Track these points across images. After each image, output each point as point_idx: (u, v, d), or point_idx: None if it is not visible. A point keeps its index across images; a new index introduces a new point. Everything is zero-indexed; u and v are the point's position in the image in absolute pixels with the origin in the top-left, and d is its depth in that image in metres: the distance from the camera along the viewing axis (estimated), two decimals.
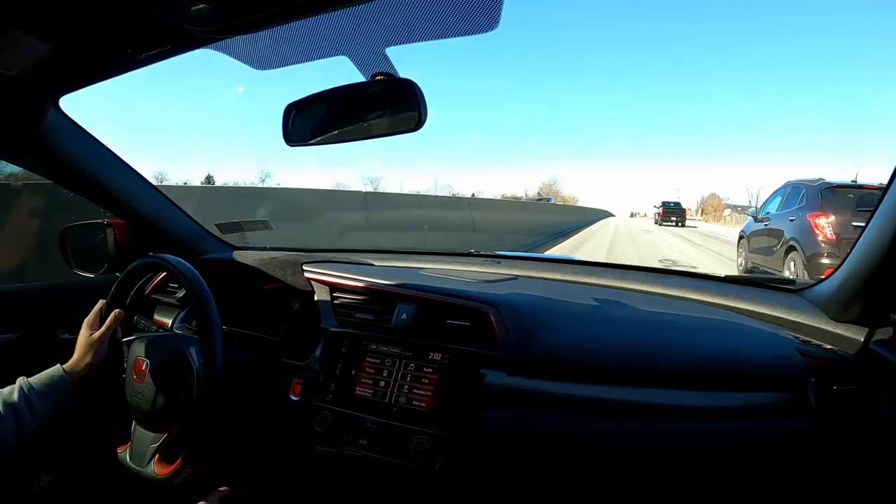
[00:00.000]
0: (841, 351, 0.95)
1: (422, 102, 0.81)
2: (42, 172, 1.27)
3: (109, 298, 1.09)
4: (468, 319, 1.02)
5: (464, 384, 0.96)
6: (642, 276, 1.29)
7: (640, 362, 0.94)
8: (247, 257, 1.35)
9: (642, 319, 1.07)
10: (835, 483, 0.90)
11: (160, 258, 1.05)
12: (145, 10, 0.78)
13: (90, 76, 1.03)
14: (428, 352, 1.00)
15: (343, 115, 0.91)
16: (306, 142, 0.94)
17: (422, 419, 0.95)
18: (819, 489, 0.91)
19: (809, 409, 0.90)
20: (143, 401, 0.97)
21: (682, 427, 0.91)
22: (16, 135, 1.12)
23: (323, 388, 1.05)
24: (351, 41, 0.87)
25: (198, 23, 0.80)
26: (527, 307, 1.03)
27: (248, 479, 1.17)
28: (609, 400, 0.91)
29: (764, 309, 1.08)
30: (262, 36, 0.86)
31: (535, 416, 0.92)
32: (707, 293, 1.16)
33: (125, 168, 1.32)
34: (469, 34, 0.82)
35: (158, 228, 1.41)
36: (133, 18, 0.81)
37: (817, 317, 1.02)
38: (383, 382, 1.01)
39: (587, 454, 0.91)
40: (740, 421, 0.92)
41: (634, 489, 0.92)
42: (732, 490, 0.91)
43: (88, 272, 1.40)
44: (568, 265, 1.40)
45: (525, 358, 0.96)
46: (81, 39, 0.88)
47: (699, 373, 0.93)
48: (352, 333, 1.10)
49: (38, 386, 0.94)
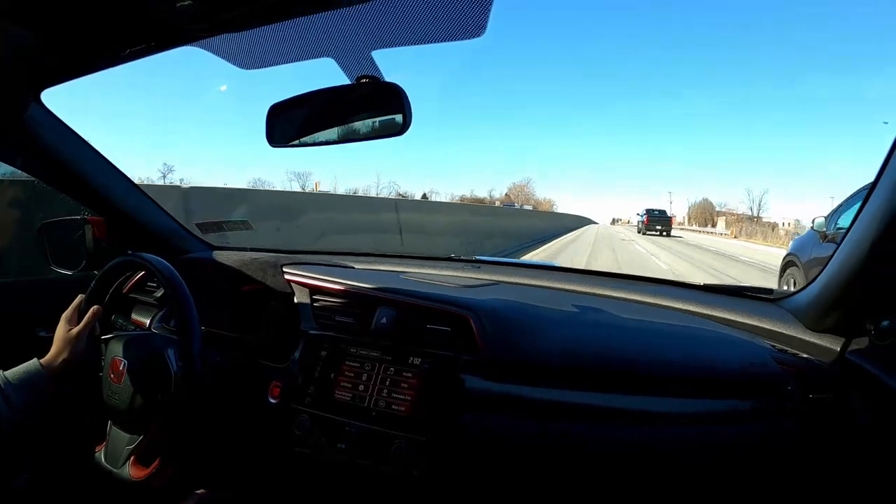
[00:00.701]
0: (817, 360, 0.96)
1: (407, 106, 0.81)
2: (21, 166, 1.25)
3: (88, 295, 1.08)
4: (448, 324, 1.02)
5: (443, 389, 0.96)
6: (622, 283, 1.29)
7: (619, 368, 0.95)
8: (227, 258, 1.34)
9: (622, 326, 1.08)
10: (811, 490, 0.91)
11: (140, 257, 1.04)
12: (131, 3, 0.78)
13: (73, 70, 1.02)
14: (408, 356, 1.00)
15: (327, 117, 0.91)
16: (289, 143, 0.93)
17: (401, 423, 0.95)
18: (796, 495, 0.92)
19: (786, 416, 0.91)
20: (120, 401, 0.96)
21: (660, 433, 0.92)
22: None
23: (302, 391, 1.04)
24: (337, 43, 0.87)
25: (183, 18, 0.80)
26: (507, 313, 1.03)
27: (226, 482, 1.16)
28: (588, 405, 0.92)
29: (741, 318, 1.09)
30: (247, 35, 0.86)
31: (514, 421, 0.92)
32: (685, 301, 1.17)
33: (105, 164, 1.31)
34: (455, 39, 0.83)
35: (138, 226, 1.40)
36: (118, 12, 0.81)
37: (794, 326, 1.03)
38: (362, 386, 1.00)
39: (566, 460, 0.92)
40: (717, 427, 0.92)
41: (613, 495, 0.93)
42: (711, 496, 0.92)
43: (66, 269, 1.38)
44: (549, 271, 1.40)
45: (505, 363, 0.96)
46: (65, 32, 0.87)
47: (677, 379, 0.94)
48: (331, 336, 1.09)
49: (14, 379, 0.93)
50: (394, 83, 0.83)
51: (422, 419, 0.94)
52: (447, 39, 0.84)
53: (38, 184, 1.30)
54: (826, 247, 4.60)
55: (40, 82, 1.06)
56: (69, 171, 1.24)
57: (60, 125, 1.18)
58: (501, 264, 1.51)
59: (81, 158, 1.25)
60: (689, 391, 0.93)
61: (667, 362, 0.96)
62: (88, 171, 1.27)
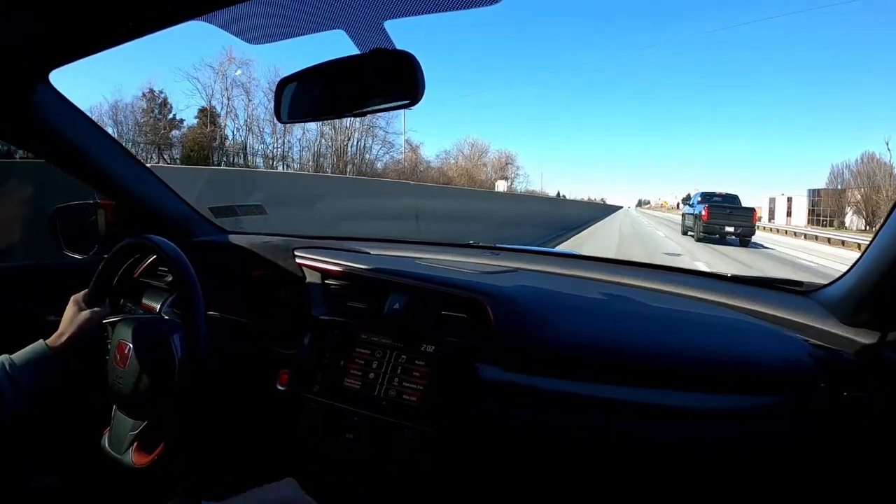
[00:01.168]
0: (850, 355, 0.92)
1: (419, 75, 0.78)
2: (31, 149, 1.25)
3: (96, 278, 1.07)
4: (464, 311, 0.98)
5: (457, 378, 0.92)
6: (647, 272, 1.25)
7: (642, 361, 0.90)
8: (238, 241, 1.32)
9: (646, 317, 1.03)
10: (839, 490, 0.88)
11: (147, 238, 1.02)
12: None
13: (81, 49, 1.00)
14: (420, 343, 0.97)
15: (338, 89, 0.88)
16: (300, 117, 0.91)
17: (411, 414, 0.92)
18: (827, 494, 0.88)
19: (816, 413, 0.87)
20: (125, 385, 0.94)
21: (686, 429, 0.88)
22: (3, 110, 1.09)
23: (310, 378, 1.02)
24: (348, 14, 0.84)
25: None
26: (526, 300, 0.99)
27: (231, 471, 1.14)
28: (608, 399, 0.88)
29: (772, 310, 1.05)
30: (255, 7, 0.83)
31: (530, 414, 0.89)
32: (714, 292, 1.12)
33: (116, 147, 1.29)
34: (471, 7, 0.79)
35: (150, 210, 1.39)
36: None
37: (827, 319, 0.98)
38: (373, 374, 0.97)
39: (584, 454, 0.88)
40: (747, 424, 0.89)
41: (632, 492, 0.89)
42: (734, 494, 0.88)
43: (78, 253, 1.37)
44: (570, 259, 1.37)
45: (522, 353, 0.92)
46: (72, 9, 0.85)
47: (704, 373, 0.90)
48: (342, 322, 1.06)
49: (20, 362, 0.92)
50: (406, 52, 0.79)
51: (434, 409, 0.91)
52: (462, 7, 0.80)
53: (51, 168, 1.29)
54: None
55: (48, 63, 1.05)
56: (79, 153, 1.22)
57: (70, 107, 1.17)
58: (521, 251, 1.48)
59: (91, 141, 1.23)
60: (718, 386, 0.89)
61: (695, 355, 0.92)
62: (99, 154, 1.25)
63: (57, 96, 1.13)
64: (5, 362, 0.91)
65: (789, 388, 0.89)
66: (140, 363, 0.94)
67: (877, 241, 0.88)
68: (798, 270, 10.95)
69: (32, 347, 0.95)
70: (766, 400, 0.89)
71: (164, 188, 1.41)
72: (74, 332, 0.99)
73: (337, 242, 1.44)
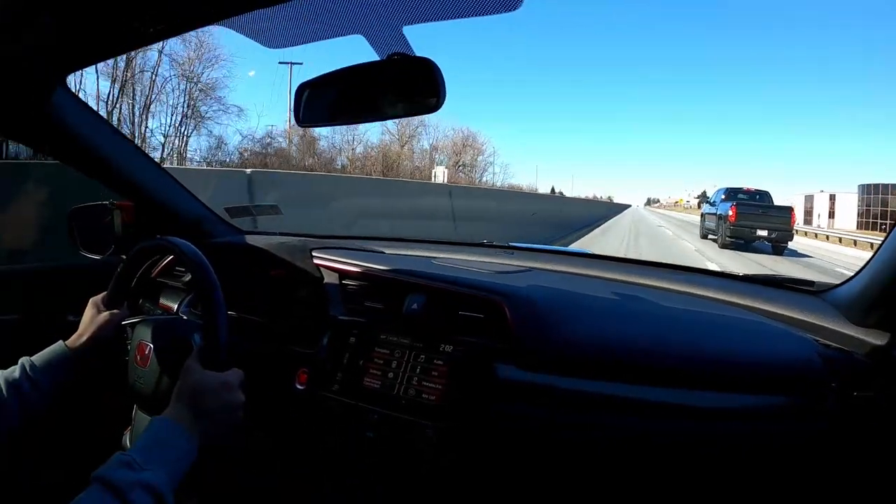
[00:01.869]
0: (861, 356, 0.92)
1: (440, 82, 0.78)
2: (48, 151, 1.25)
3: (115, 279, 1.08)
4: (481, 311, 0.99)
5: (475, 378, 0.93)
6: (660, 272, 1.26)
7: (656, 360, 0.91)
8: (256, 242, 1.34)
9: (660, 316, 1.04)
10: (848, 490, 0.89)
11: (167, 241, 1.03)
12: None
13: (97, 53, 1.01)
14: (439, 343, 0.98)
15: (358, 94, 0.89)
16: (319, 122, 0.92)
17: (431, 412, 0.93)
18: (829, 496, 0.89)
19: (826, 413, 0.88)
20: (146, 385, 0.95)
21: (698, 428, 0.89)
22: (21, 113, 1.10)
23: (329, 377, 1.03)
24: (367, 19, 0.85)
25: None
26: (542, 300, 1.00)
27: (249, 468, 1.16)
28: (623, 398, 0.89)
29: (783, 310, 1.06)
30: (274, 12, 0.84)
31: (547, 412, 0.90)
32: (725, 292, 1.13)
33: (132, 149, 1.31)
34: (488, 13, 0.80)
35: (166, 210, 1.40)
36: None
37: (837, 320, 0.99)
38: (392, 374, 0.98)
39: (599, 453, 0.89)
40: (756, 423, 0.90)
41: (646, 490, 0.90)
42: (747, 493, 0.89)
43: (95, 253, 1.39)
44: (584, 259, 1.38)
45: (539, 352, 0.93)
46: (89, 15, 0.86)
47: (716, 372, 0.90)
48: (360, 322, 1.07)
49: (40, 363, 0.94)
50: (426, 58, 0.80)
51: (452, 408, 0.92)
52: (480, 13, 0.80)
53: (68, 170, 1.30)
54: None
55: (65, 66, 1.06)
56: (96, 155, 1.23)
57: (86, 109, 1.18)
58: (535, 251, 1.49)
59: (107, 142, 1.24)
60: (730, 385, 0.90)
61: (707, 355, 0.93)
62: (115, 155, 1.26)
63: (73, 99, 1.14)
64: (26, 364, 0.92)
65: (799, 388, 0.90)
66: (161, 363, 0.95)
67: (888, 242, 0.88)
68: None
69: (52, 348, 0.96)
70: (776, 400, 0.90)
71: (180, 188, 1.42)
72: (94, 334, 1.00)
73: (352, 242, 1.45)
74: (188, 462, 0.75)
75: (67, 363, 0.96)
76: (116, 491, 0.64)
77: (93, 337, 1.00)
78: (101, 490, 0.65)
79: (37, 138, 1.22)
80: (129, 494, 0.64)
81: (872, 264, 0.93)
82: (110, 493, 0.64)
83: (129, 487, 0.65)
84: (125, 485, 0.65)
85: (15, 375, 0.90)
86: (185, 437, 0.76)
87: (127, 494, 0.64)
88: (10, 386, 0.89)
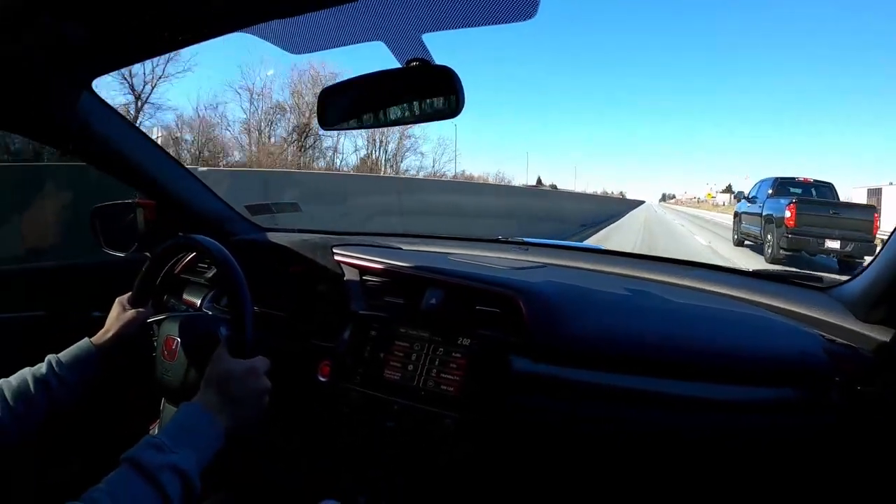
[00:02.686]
0: (866, 351, 0.94)
1: (459, 88, 0.82)
2: (75, 153, 1.29)
3: (141, 276, 1.10)
4: (497, 306, 1.03)
5: (492, 370, 0.97)
6: (671, 268, 1.28)
7: (667, 353, 0.94)
8: (277, 239, 1.37)
9: (670, 311, 1.07)
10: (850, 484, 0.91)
11: (193, 238, 1.06)
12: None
13: (124, 59, 1.03)
14: (457, 337, 1.01)
15: (378, 100, 0.92)
16: (341, 126, 0.95)
17: (449, 403, 0.96)
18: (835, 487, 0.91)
19: (830, 407, 0.90)
20: (174, 379, 0.98)
21: (707, 420, 0.91)
22: (50, 117, 1.13)
23: (351, 370, 1.07)
24: (387, 26, 0.87)
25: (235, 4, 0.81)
26: (556, 295, 1.04)
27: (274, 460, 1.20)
28: (635, 390, 0.92)
29: (790, 305, 1.08)
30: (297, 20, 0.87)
31: (561, 404, 0.93)
32: (734, 287, 1.16)
33: (155, 149, 1.34)
34: (505, 22, 0.82)
35: (188, 209, 1.43)
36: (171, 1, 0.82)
37: (843, 316, 1.01)
38: (412, 366, 1.02)
39: (612, 443, 0.92)
40: (762, 415, 0.92)
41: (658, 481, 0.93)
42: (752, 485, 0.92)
43: (118, 251, 1.42)
44: (597, 254, 1.40)
45: (553, 345, 0.96)
46: (116, 22, 0.88)
47: (725, 366, 0.93)
48: (381, 317, 1.11)
49: (67, 360, 0.96)
50: (445, 66, 0.83)
51: (470, 399, 0.96)
52: (497, 22, 0.83)
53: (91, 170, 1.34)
54: None
55: (92, 72, 1.08)
56: (121, 156, 1.27)
57: (112, 112, 1.21)
58: (549, 246, 1.51)
59: (132, 144, 1.28)
60: (737, 378, 0.92)
61: (715, 348, 0.95)
62: (139, 156, 1.29)
63: (99, 102, 1.17)
64: (53, 361, 0.95)
65: (804, 381, 0.92)
66: (188, 356, 0.98)
67: (892, 240, 0.90)
68: None
69: (79, 345, 0.99)
70: (782, 393, 0.92)
71: (202, 187, 1.45)
72: (119, 331, 1.02)
73: (370, 239, 1.49)
74: (215, 448, 0.78)
75: (93, 360, 0.98)
76: (146, 472, 0.66)
77: (118, 334, 1.02)
78: (130, 470, 0.67)
79: (64, 141, 1.25)
80: (159, 476, 0.66)
81: (878, 261, 0.94)
82: (140, 475, 0.66)
83: (159, 469, 0.67)
84: (154, 467, 0.67)
85: (42, 372, 0.93)
86: (213, 423, 0.78)
87: (157, 476, 0.66)
88: (38, 382, 0.91)
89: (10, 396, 0.88)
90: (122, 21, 0.88)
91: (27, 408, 0.89)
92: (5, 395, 0.88)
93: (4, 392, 0.89)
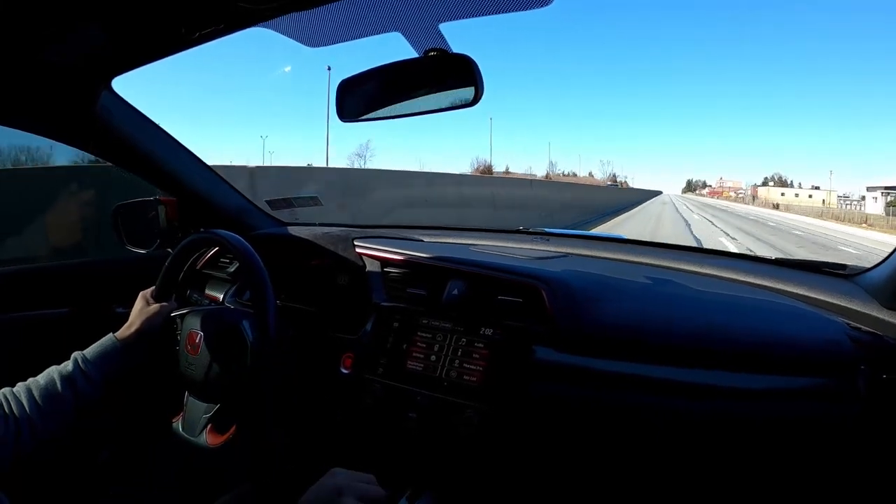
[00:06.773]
0: (891, 339, 0.93)
1: (479, 77, 0.81)
2: (96, 152, 1.31)
3: (164, 271, 1.12)
4: (520, 296, 1.02)
5: (514, 359, 0.96)
6: (693, 256, 1.27)
7: (690, 342, 0.94)
8: (298, 233, 1.38)
9: (693, 300, 1.06)
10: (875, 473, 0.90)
11: (214, 233, 1.07)
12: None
13: (143, 57, 1.04)
14: (479, 327, 1.01)
15: (397, 90, 0.91)
16: (359, 118, 0.95)
17: (472, 394, 0.96)
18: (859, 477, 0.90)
19: (856, 396, 0.89)
20: (197, 372, 1.00)
21: (728, 408, 0.91)
22: (70, 117, 1.15)
23: (374, 361, 1.07)
24: (404, 17, 0.87)
25: None
26: (578, 284, 1.03)
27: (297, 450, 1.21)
28: (658, 379, 0.91)
29: (814, 293, 1.06)
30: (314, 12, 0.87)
31: (584, 393, 0.93)
32: (758, 276, 1.14)
33: (176, 146, 1.35)
34: (522, 9, 0.82)
35: (209, 205, 1.45)
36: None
37: (868, 304, 0.99)
38: (434, 357, 1.02)
39: (638, 433, 0.92)
40: (787, 403, 0.91)
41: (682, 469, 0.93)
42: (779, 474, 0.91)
43: (141, 248, 1.43)
44: (618, 244, 1.39)
45: (576, 335, 0.96)
46: (134, 21, 0.89)
47: (749, 354, 0.92)
48: (403, 308, 1.11)
49: (92, 356, 0.98)
50: (464, 54, 0.82)
51: (493, 389, 0.95)
52: (514, 9, 0.82)
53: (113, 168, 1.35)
54: None
55: (111, 71, 1.10)
56: (142, 154, 1.29)
57: (132, 110, 1.22)
58: (570, 236, 1.51)
59: (153, 142, 1.29)
60: (761, 366, 0.91)
61: (740, 337, 0.94)
62: (160, 154, 1.31)
63: (119, 101, 1.18)
64: (79, 358, 0.97)
65: (830, 370, 0.91)
66: (211, 350, 1.00)
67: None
68: None
69: (103, 341, 1.01)
70: (808, 381, 0.91)
71: (223, 183, 1.47)
72: (143, 326, 1.04)
73: (391, 231, 1.49)
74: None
75: (118, 355, 1.00)
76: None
77: (142, 328, 1.04)
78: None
79: (85, 139, 1.27)
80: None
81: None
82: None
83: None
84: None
85: (69, 369, 0.95)
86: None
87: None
88: (65, 380, 0.94)
89: (39, 396, 0.91)
90: (141, 20, 0.89)
91: (55, 405, 0.92)
92: (34, 394, 0.91)
93: (33, 391, 0.91)
